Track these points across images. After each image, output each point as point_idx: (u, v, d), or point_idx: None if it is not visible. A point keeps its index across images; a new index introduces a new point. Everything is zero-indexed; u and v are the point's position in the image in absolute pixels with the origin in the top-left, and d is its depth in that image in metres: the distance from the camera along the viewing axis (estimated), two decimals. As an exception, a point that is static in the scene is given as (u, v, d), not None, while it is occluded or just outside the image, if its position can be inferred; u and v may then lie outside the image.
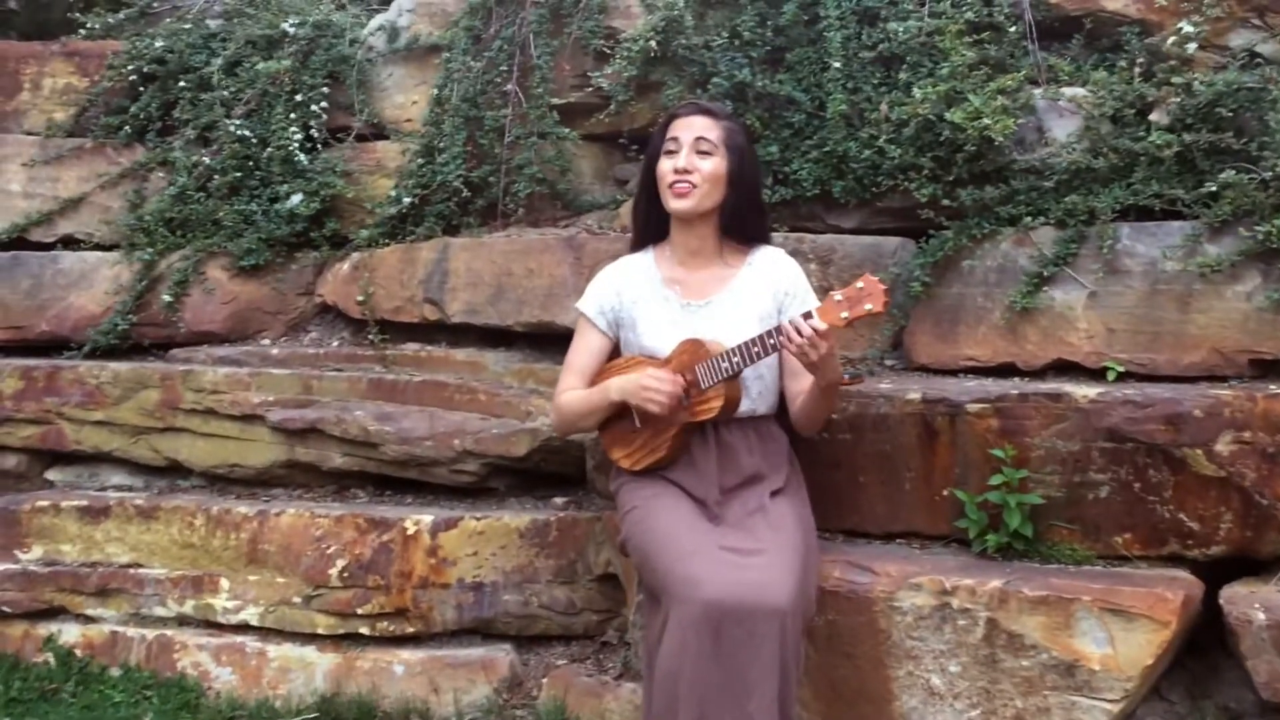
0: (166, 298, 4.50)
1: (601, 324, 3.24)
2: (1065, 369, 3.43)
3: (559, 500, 3.95)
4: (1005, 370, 3.50)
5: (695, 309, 3.14)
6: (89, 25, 5.46)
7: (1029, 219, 3.49)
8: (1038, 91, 3.63)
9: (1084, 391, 3.12)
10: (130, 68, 5.00)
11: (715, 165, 3.07)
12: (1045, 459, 3.11)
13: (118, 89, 5.07)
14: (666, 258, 3.22)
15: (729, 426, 3.09)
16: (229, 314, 4.57)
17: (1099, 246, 3.37)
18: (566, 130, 4.28)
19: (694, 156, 3.07)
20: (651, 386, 2.98)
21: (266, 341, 4.59)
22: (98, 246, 4.83)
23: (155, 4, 5.54)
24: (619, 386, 3.08)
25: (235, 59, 4.97)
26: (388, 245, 4.45)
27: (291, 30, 5.01)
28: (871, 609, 3.04)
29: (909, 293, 3.60)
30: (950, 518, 3.25)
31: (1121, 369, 3.30)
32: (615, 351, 3.28)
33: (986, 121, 3.43)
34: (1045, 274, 3.43)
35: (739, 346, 2.91)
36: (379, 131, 4.82)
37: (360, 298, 4.37)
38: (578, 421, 3.25)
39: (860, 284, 2.76)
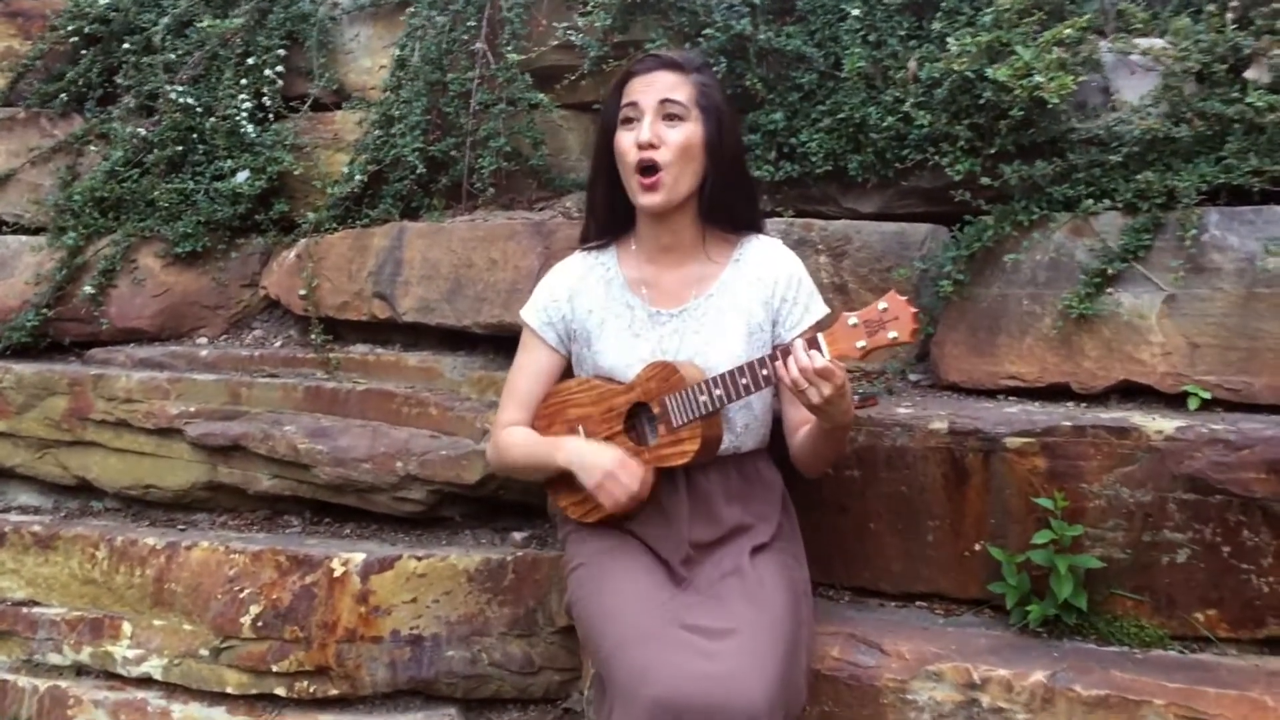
0: (88, 289, 3.93)
1: (550, 337, 2.61)
2: (1133, 393, 2.74)
3: (518, 536, 3.32)
4: (1056, 393, 2.81)
5: (666, 319, 2.51)
6: (34, -19, 4.88)
7: (1090, 202, 2.79)
8: (1104, 43, 2.93)
9: (1158, 425, 2.43)
10: (71, 28, 4.43)
11: (688, 134, 2.42)
12: (1106, 511, 2.43)
13: (58, 53, 4.51)
14: (632, 253, 2.58)
15: (706, 468, 2.47)
16: (160, 308, 3.98)
17: (1179, 237, 2.66)
18: (539, 95, 3.62)
19: (659, 125, 2.42)
20: (617, 479, 2.40)
21: (203, 340, 4.00)
22: (25, 230, 4.26)
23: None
24: (574, 457, 2.47)
25: (186, 18, 4.38)
26: (338, 230, 3.83)
27: (252, -15, 4.40)
28: (878, 701, 2.39)
29: (938, 293, 2.92)
30: (983, 579, 2.59)
31: (1207, 396, 2.60)
32: (569, 370, 2.65)
33: (1038, 79, 2.73)
34: (1110, 272, 2.74)
35: (722, 377, 2.31)
36: (344, 100, 4.20)
37: (303, 291, 3.76)
38: (516, 473, 2.68)
39: (883, 305, 2.15)
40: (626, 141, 2.44)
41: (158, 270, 4.00)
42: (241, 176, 4.02)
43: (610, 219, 2.58)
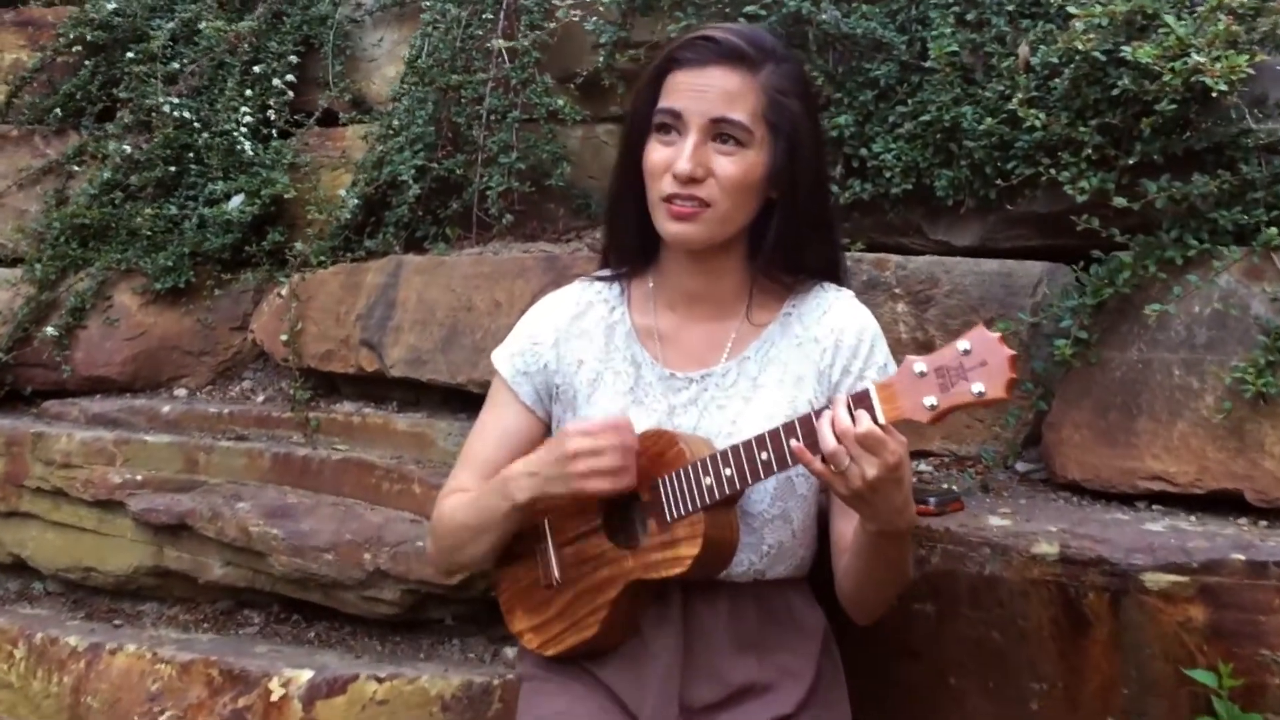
0: (50, 330, 3.38)
1: (524, 391, 1.91)
2: (1339, 510, 1.90)
3: (511, 651, 2.62)
4: (1222, 504, 2.00)
5: (682, 386, 1.81)
6: (47, -13, 4.43)
7: (1273, 231, 1.98)
8: (1293, 13, 2.11)
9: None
10: (73, 35, 3.94)
11: (746, 166, 1.71)
12: (1298, 695, 1.61)
13: (63, 65, 4.03)
14: (648, 293, 1.89)
15: (711, 595, 1.77)
16: (133, 354, 3.41)
17: None
18: (558, 100, 2.94)
19: (707, 150, 1.70)
20: (586, 450, 1.67)
21: (182, 392, 3.42)
22: (3, 261, 3.77)
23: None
24: (523, 482, 1.74)
25: (194, 23, 3.84)
26: (333, 265, 3.21)
27: (270, -15, 3.86)
28: None
29: (1055, 356, 2.14)
30: (1112, 773, 1.78)
31: None
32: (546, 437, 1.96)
33: (1197, 61, 1.95)
34: (1302, 331, 1.91)
35: (734, 450, 1.64)
36: (366, 115, 3.61)
37: (284, 336, 3.14)
38: (459, 546, 1.90)
39: (964, 344, 1.47)
40: (658, 156, 1.73)
41: (134, 309, 3.44)
42: (235, 201, 3.44)
43: (638, 246, 1.87)
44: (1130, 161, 2.13)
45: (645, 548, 1.71)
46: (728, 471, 1.63)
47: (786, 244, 1.77)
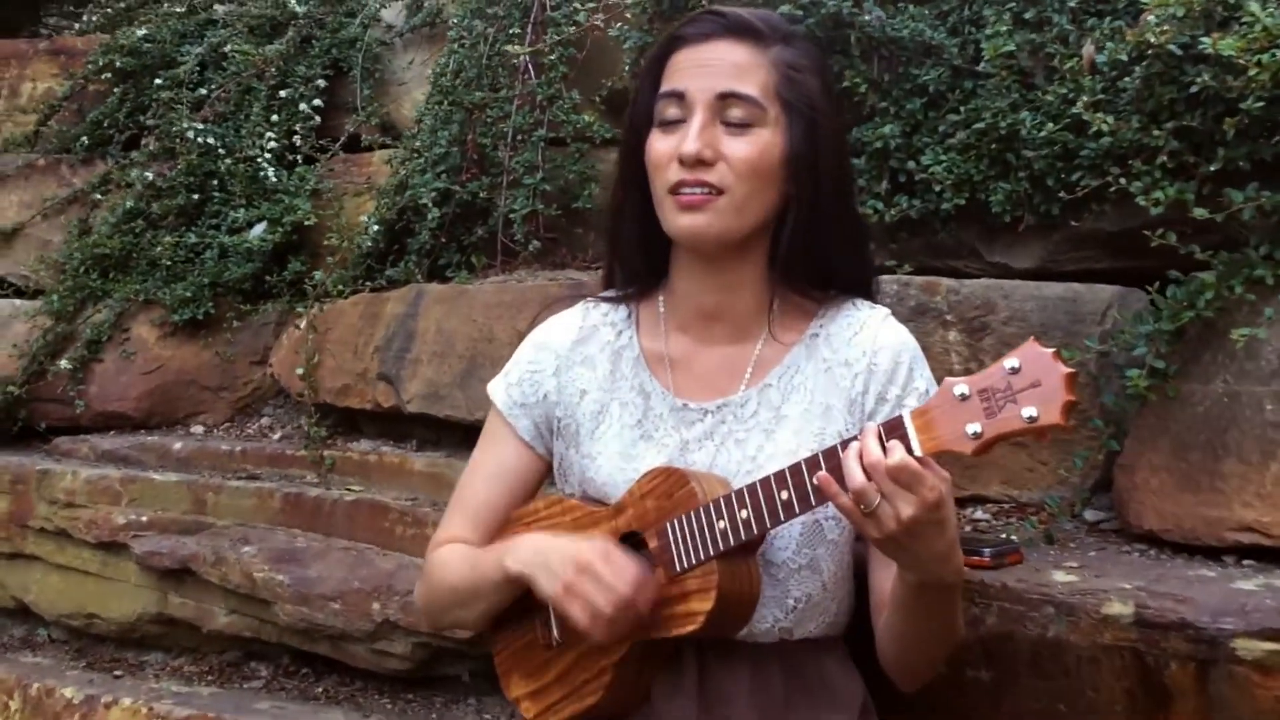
0: (64, 364, 3.24)
1: (522, 425, 1.71)
2: None
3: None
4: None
5: (697, 418, 1.60)
6: (85, 17, 4.36)
7: (1381, 247, 1.72)
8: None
9: None
10: (102, 62, 3.85)
11: (762, 146, 1.52)
12: None
13: (93, 93, 3.94)
14: (659, 316, 1.67)
15: (731, 657, 1.55)
16: (149, 389, 3.27)
17: None
18: (584, 117, 2.76)
19: (716, 130, 1.51)
20: (597, 575, 1.45)
21: (199, 429, 3.27)
22: (26, 293, 3.67)
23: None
24: (530, 555, 1.54)
25: (223, 49, 3.73)
26: (355, 294, 3.05)
27: (302, 10, 3.74)
28: None
29: (1128, 389, 1.89)
30: None
31: None
32: (546, 476, 1.77)
33: (1288, 52, 1.71)
34: None
35: (751, 490, 1.43)
36: (393, 139, 3.46)
37: (300, 370, 2.98)
38: (448, 609, 1.73)
39: (1013, 362, 1.27)
40: (661, 146, 1.54)
41: (151, 343, 3.31)
42: (257, 229, 3.31)
43: (645, 263, 1.67)
44: (1212, 169, 1.88)
45: (653, 605, 1.49)
46: (744, 514, 1.42)
47: (809, 248, 1.56)
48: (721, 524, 1.43)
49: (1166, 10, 1.87)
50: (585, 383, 1.66)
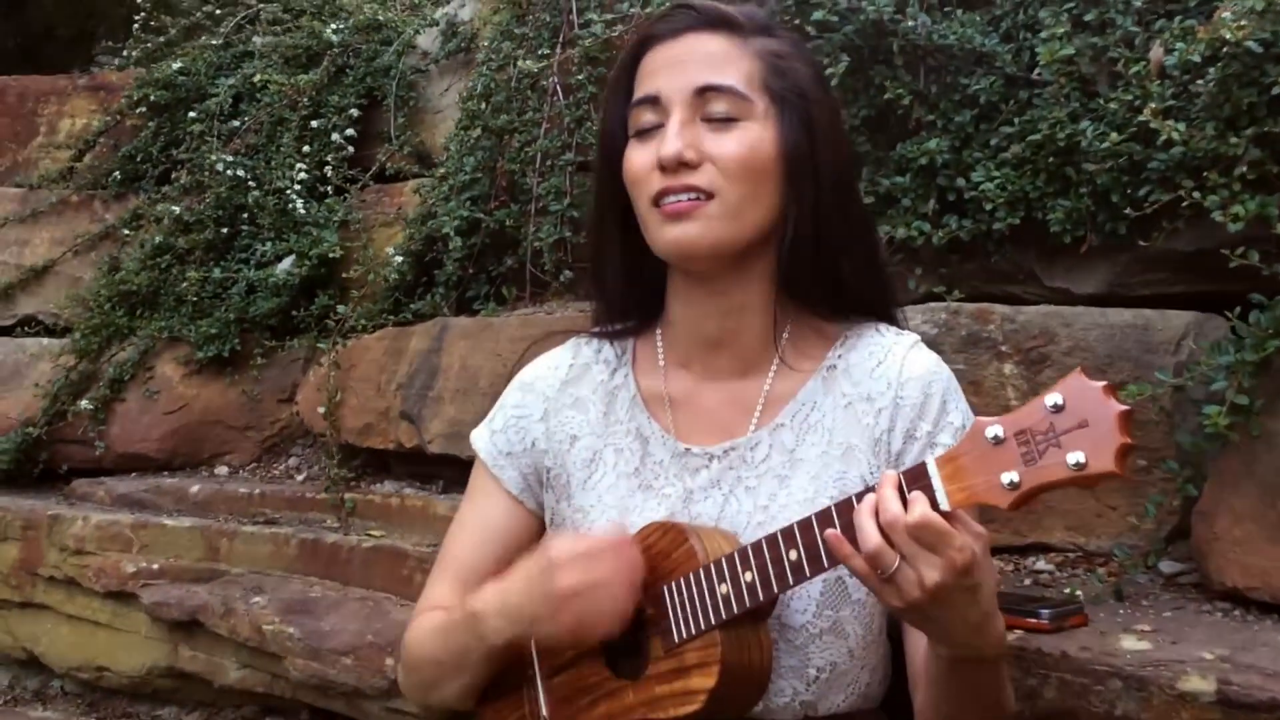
0: (86, 404, 3.14)
1: (508, 477, 1.53)
2: None
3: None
4: None
5: (702, 464, 1.41)
6: (125, 52, 4.32)
7: None
8: None
9: None
10: (137, 96, 3.79)
11: (750, 141, 1.34)
12: None
13: (129, 127, 3.88)
14: (657, 352, 1.49)
15: None
16: (172, 429, 3.16)
17: None
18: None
19: (698, 128, 1.34)
20: (585, 582, 1.28)
21: (224, 470, 3.15)
22: (53, 331, 3.59)
23: (208, 21, 4.30)
24: (499, 616, 1.35)
25: (257, 81, 3.65)
26: (380, 329, 2.92)
27: (337, 39, 3.65)
28: None
29: (1206, 428, 1.67)
30: None
31: None
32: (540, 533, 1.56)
33: (1385, 46, 1.50)
34: None
35: (758, 546, 1.24)
36: (427, 169, 3.34)
37: (322, 408, 2.84)
38: (431, 685, 1.51)
39: (1055, 397, 1.08)
40: (639, 158, 1.37)
41: (175, 381, 3.20)
42: (285, 263, 3.19)
43: (627, 295, 1.49)
44: (1298, 181, 1.68)
45: (649, 678, 1.31)
46: (748, 576, 1.23)
47: (817, 259, 1.36)
48: (724, 588, 1.25)
49: (1244, 4, 1.68)
50: (575, 427, 1.48)
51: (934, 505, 1.11)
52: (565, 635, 1.30)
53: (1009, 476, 1.08)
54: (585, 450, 1.47)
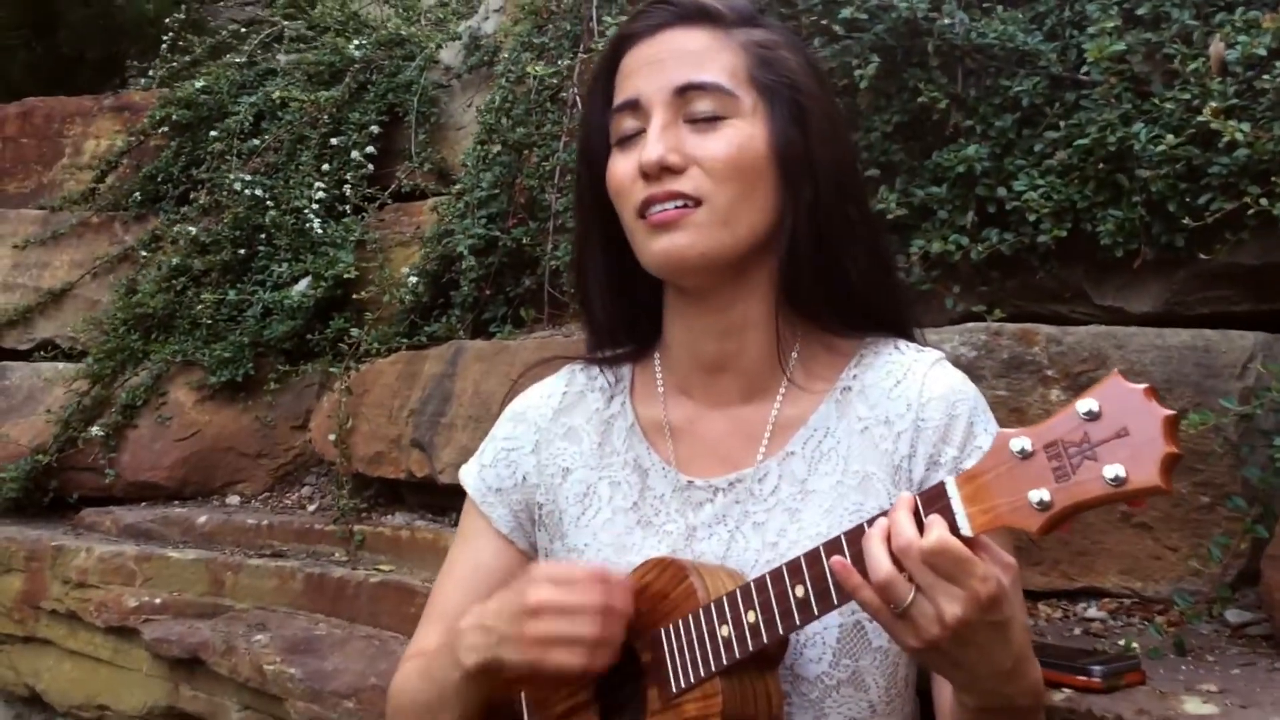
0: (96, 431, 3.04)
1: (498, 515, 1.41)
2: None
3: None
4: None
5: (706, 498, 1.29)
6: (151, 72, 4.26)
7: None
8: None
9: None
10: (159, 115, 3.71)
11: (739, 140, 1.22)
12: None
13: (152, 148, 3.81)
14: (655, 378, 1.36)
15: None
16: (183, 456, 3.05)
17: None
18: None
19: (680, 130, 1.22)
20: (554, 606, 1.14)
21: (235, 500, 3.04)
22: (69, 355, 3.51)
23: (233, 39, 4.23)
24: (474, 631, 1.20)
25: (278, 99, 3.56)
26: (395, 352, 2.80)
27: (359, 55, 3.56)
28: None
29: (1277, 461, 1.50)
30: None
31: None
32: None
33: None
34: None
35: (761, 583, 1.11)
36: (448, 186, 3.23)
37: (332, 435, 2.72)
38: None
39: (1089, 403, 0.94)
40: (622, 168, 1.25)
41: (188, 406, 3.10)
42: (301, 285, 3.09)
43: (618, 318, 1.37)
44: (1380, 185, 1.51)
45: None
46: (751, 617, 1.09)
47: (820, 265, 1.24)
48: (725, 630, 1.11)
49: (1315, -10, 1.51)
50: (568, 459, 1.34)
51: (954, 529, 0.97)
52: (526, 661, 1.15)
53: (1038, 495, 0.94)
54: (579, 484, 1.34)
